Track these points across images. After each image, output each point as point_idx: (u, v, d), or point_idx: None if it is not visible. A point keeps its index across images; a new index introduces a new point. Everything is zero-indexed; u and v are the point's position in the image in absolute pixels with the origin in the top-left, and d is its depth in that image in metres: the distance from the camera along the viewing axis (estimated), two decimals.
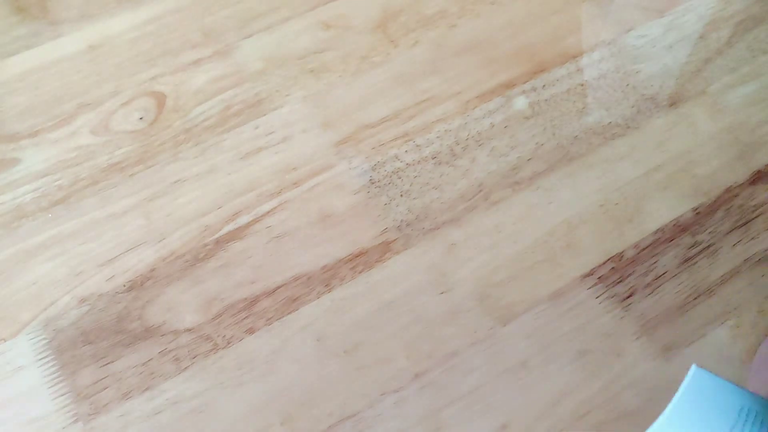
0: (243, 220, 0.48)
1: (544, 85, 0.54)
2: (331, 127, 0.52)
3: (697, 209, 0.48)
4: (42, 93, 0.54)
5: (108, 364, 0.42)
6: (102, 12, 0.59)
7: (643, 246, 0.46)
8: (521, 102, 0.53)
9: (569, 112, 0.52)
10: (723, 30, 0.57)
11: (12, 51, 0.57)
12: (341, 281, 0.45)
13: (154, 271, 0.46)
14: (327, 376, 0.42)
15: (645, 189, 0.49)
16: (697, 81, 0.54)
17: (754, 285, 0.45)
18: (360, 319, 0.44)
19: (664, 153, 0.50)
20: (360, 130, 0.52)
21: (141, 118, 0.53)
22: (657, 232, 0.47)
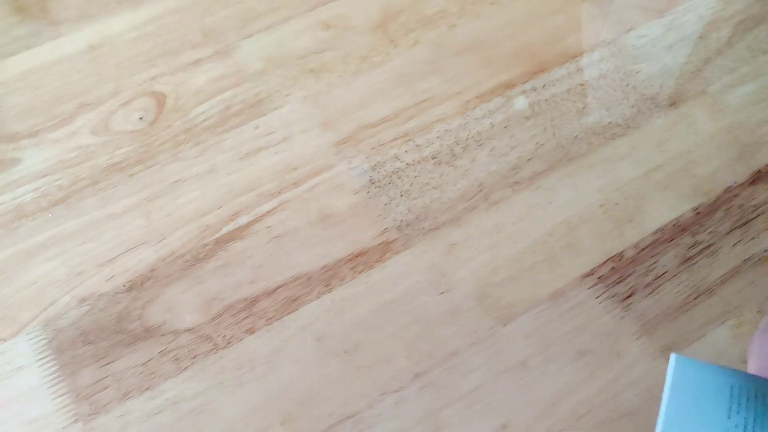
0: (243, 220, 0.48)
1: (544, 85, 0.54)
2: (331, 127, 0.52)
3: (697, 209, 0.48)
4: (42, 93, 0.54)
5: (108, 364, 0.42)
6: (102, 12, 0.59)
7: (643, 246, 0.46)
8: (521, 102, 0.53)
9: (569, 112, 0.52)
10: (723, 30, 0.57)
11: (12, 51, 0.57)
12: (341, 281, 0.45)
13: (154, 271, 0.46)
14: (327, 376, 0.42)
15: (645, 189, 0.49)
16: (697, 81, 0.54)
17: (754, 285, 0.45)
18: (360, 319, 0.44)
19: (664, 153, 0.50)
20: (360, 130, 0.52)
21: (141, 118, 0.53)
22: (657, 232, 0.47)
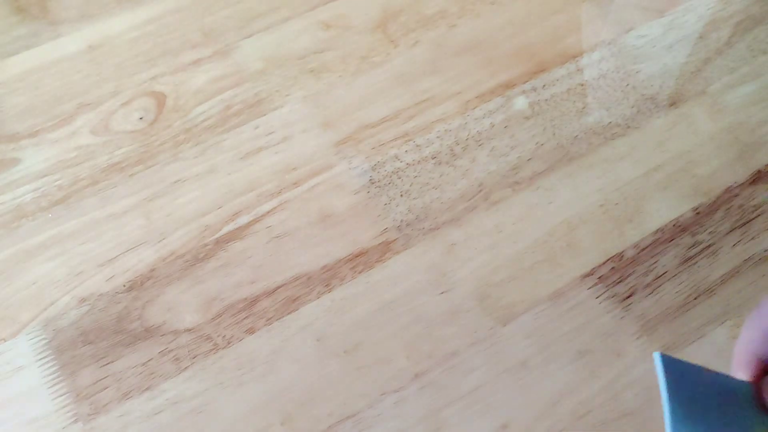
0: (243, 220, 0.48)
1: (544, 85, 0.54)
2: (331, 127, 0.52)
3: (697, 209, 0.48)
4: (42, 93, 0.54)
5: (108, 364, 0.42)
6: (102, 12, 0.59)
7: (643, 246, 0.46)
8: (521, 102, 0.53)
9: (569, 112, 0.52)
10: (723, 30, 0.57)
11: (12, 51, 0.57)
12: (341, 281, 0.45)
13: (154, 271, 0.46)
14: (327, 376, 0.42)
15: (645, 189, 0.49)
16: (697, 81, 0.54)
17: (754, 285, 0.45)
18: (360, 319, 0.44)
19: (664, 153, 0.50)
20: (360, 130, 0.52)
21: (141, 118, 0.53)
22: (657, 232, 0.47)
